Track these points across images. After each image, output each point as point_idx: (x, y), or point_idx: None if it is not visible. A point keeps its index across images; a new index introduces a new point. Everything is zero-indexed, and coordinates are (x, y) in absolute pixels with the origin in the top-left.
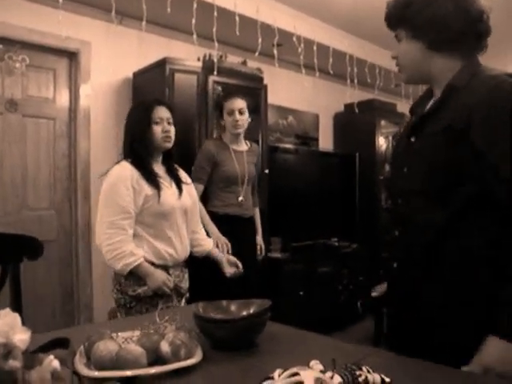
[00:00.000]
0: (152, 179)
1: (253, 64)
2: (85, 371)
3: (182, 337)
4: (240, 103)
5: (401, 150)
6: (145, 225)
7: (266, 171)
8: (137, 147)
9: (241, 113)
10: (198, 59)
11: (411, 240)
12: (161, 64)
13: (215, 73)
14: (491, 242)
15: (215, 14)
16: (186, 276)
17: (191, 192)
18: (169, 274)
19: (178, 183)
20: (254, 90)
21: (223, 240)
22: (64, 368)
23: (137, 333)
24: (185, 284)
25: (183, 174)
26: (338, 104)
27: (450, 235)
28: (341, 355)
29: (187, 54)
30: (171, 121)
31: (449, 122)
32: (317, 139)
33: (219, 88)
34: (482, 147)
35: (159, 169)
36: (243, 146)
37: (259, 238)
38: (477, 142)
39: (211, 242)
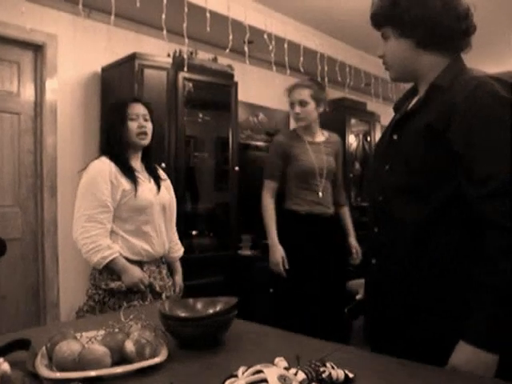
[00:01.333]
0: (130, 174)
1: (223, 61)
2: (46, 373)
3: (147, 335)
4: (300, 94)
5: (383, 147)
6: (121, 220)
7: (237, 168)
8: (113, 144)
9: (302, 104)
10: (168, 55)
11: (391, 236)
12: (130, 59)
13: (185, 69)
14: (471, 241)
15: (186, 9)
16: (164, 272)
17: (169, 188)
18: (143, 269)
19: (157, 179)
20: (224, 86)
21: (279, 254)
22: (15, 371)
23: (101, 332)
24: (162, 281)
25: (161, 172)
26: None
27: (431, 232)
28: (307, 351)
29: (157, 50)
30: (148, 117)
31: (430, 121)
32: None
33: (190, 84)
34: (459, 148)
35: (137, 165)
36: (319, 136)
37: (353, 240)
38: (454, 143)
39: (181, 250)
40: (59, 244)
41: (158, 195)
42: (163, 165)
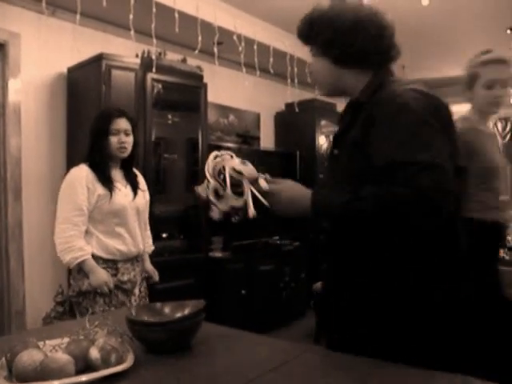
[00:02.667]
0: (106, 181)
1: (193, 62)
2: None
3: (113, 342)
4: (504, 72)
5: (328, 161)
6: (95, 221)
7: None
8: (94, 154)
9: (503, 85)
10: (137, 56)
11: (335, 243)
12: (97, 60)
13: (154, 70)
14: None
15: (154, 9)
16: (138, 270)
17: (146, 196)
18: (117, 267)
19: (134, 186)
20: (193, 88)
21: None
22: None
23: (66, 340)
24: (134, 278)
25: (141, 180)
26: (279, 103)
27: (371, 238)
28: (276, 353)
29: (125, 50)
30: (129, 132)
31: (356, 136)
32: (258, 138)
33: (158, 86)
34: (389, 156)
35: (117, 172)
36: (489, 127)
37: None
38: (381, 152)
39: (151, 247)
40: (25, 249)
41: (134, 200)
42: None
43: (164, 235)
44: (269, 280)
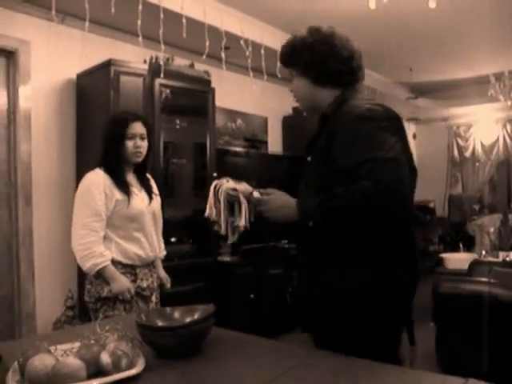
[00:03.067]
0: (123, 186)
1: (200, 67)
2: None
3: (124, 347)
4: None
5: (303, 168)
6: (114, 227)
7: (215, 174)
8: (109, 159)
9: None
10: (145, 61)
11: (313, 238)
12: (105, 66)
13: (162, 75)
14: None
15: (161, 15)
16: (155, 276)
17: (159, 200)
18: (136, 273)
19: (149, 190)
20: (201, 92)
21: None
22: None
23: (76, 344)
24: (152, 284)
25: (154, 185)
26: (287, 107)
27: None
28: (286, 357)
29: (133, 56)
30: (145, 136)
31: (322, 145)
32: (266, 142)
33: (166, 91)
34: (351, 159)
35: (131, 177)
36: None
37: None
38: (336, 157)
39: (163, 252)
40: (35, 254)
41: (150, 205)
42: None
43: (173, 239)
44: (277, 284)
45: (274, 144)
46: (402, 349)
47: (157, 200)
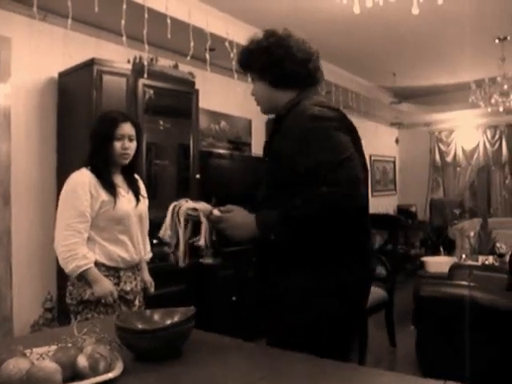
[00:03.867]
0: (109, 187)
1: (184, 68)
2: None
3: (102, 350)
4: None
5: (262, 167)
6: (99, 228)
7: (198, 176)
8: (96, 159)
9: None
10: (128, 61)
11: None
12: (88, 65)
13: (145, 76)
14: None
15: (146, 15)
16: (139, 279)
17: (146, 202)
18: (119, 276)
19: (136, 192)
20: (185, 94)
21: None
22: None
23: (53, 347)
24: (136, 287)
25: (142, 186)
26: None
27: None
28: (266, 361)
29: (116, 56)
30: (133, 137)
31: (275, 144)
32: (249, 144)
33: (150, 91)
34: (305, 162)
35: (118, 178)
36: None
37: None
38: (298, 162)
39: (149, 255)
40: (13, 255)
41: (137, 207)
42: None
43: (155, 241)
44: None
45: (258, 146)
46: (380, 350)
47: (144, 202)
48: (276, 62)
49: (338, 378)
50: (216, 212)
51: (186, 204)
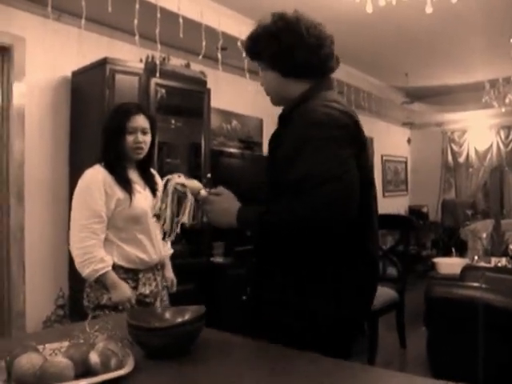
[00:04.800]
0: (124, 184)
1: (196, 67)
2: None
3: (113, 346)
4: None
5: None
6: (116, 229)
7: (209, 175)
8: (108, 154)
9: None
10: (141, 60)
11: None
12: (101, 64)
13: (157, 75)
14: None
15: (158, 15)
16: (159, 279)
17: None
18: (138, 278)
19: (152, 188)
20: (197, 93)
21: None
22: None
23: (65, 344)
24: (156, 288)
25: (159, 182)
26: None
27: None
28: (277, 360)
29: (129, 55)
30: (147, 130)
31: (275, 144)
32: (260, 144)
33: (162, 90)
34: (297, 170)
35: (133, 174)
36: None
37: None
38: (286, 169)
39: (170, 251)
40: (26, 252)
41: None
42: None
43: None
44: None
45: None
46: (390, 351)
47: None
48: (286, 49)
49: (347, 377)
50: (203, 192)
51: (178, 179)
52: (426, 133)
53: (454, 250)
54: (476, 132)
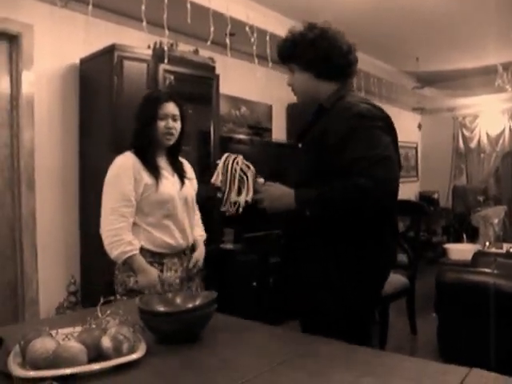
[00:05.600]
0: (152, 169)
1: (205, 53)
2: (18, 371)
3: (125, 331)
4: None
5: (293, 154)
6: (143, 214)
7: (218, 162)
8: (140, 140)
9: None
10: (149, 47)
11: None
12: (109, 51)
13: (166, 61)
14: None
15: (166, 0)
16: (185, 265)
17: (194, 185)
18: (163, 263)
19: (181, 175)
20: (205, 79)
21: None
22: None
23: (78, 329)
24: (183, 274)
25: (188, 169)
26: (291, 95)
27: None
28: (288, 345)
29: (137, 42)
30: (177, 117)
31: (316, 135)
32: (270, 130)
33: (170, 77)
34: (348, 153)
35: (162, 160)
36: None
37: None
38: (340, 154)
39: (203, 236)
40: (38, 239)
41: (182, 190)
42: None
43: None
44: (279, 272)
45: (278, 132)
46: (401, 337)
47: (191, 185)
48: (323, 54)
49: (359, 362)
50: (260, 178)
51: (243, 160)
52: (436, 118)
53: (464, 236)
54: (488, 117)
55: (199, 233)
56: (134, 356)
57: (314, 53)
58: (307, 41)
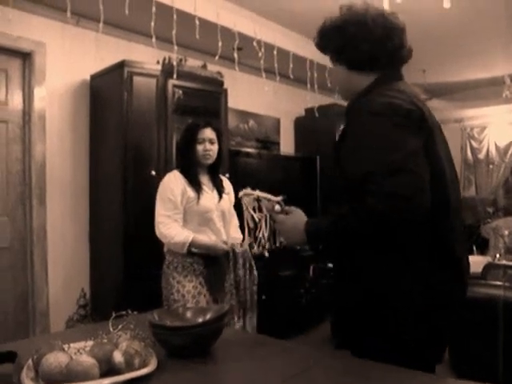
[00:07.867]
0: (195, 185)
1: (213, 68)
2: None
3: (136, 346)
4: None
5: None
6: (185, 221)
7: (227, 175)
8: (183, 160)
9: None
10: (158, 62)
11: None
12: (119, 67)
13: (175, 76)
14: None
15: (175, 17)
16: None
17: (231, 198)
18: (201, 261)
19: (219, 190)
20: (214, 93)
21: None
22: None
23: (90, 343)
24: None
25: (227, 185)
26: (299, 108)
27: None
28: (297, 359)
29: (146, 57)
30: (215, 140)
31: (338, 144)
32: (278, 143)
33: (179, 91)
34: (358, 167)
35: (204, 177)
36: None
37: None
38: (348, 168)
39: (236, 236)
40: (49, 252)
41: (219, 203)
42: (153, 172)
43: None
44: (289, 286)
45: (286, 145)
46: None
47: (229, 199)
48: (350, 42)
49: (371, 376)
50: (277, 208)
51: (262, 194)
52: (444, 129)
53: (474, 247)
54: (496, 128)
55: (236, 236)
56: (146, 370)
57: (341, 40)
58: (335, 27)
